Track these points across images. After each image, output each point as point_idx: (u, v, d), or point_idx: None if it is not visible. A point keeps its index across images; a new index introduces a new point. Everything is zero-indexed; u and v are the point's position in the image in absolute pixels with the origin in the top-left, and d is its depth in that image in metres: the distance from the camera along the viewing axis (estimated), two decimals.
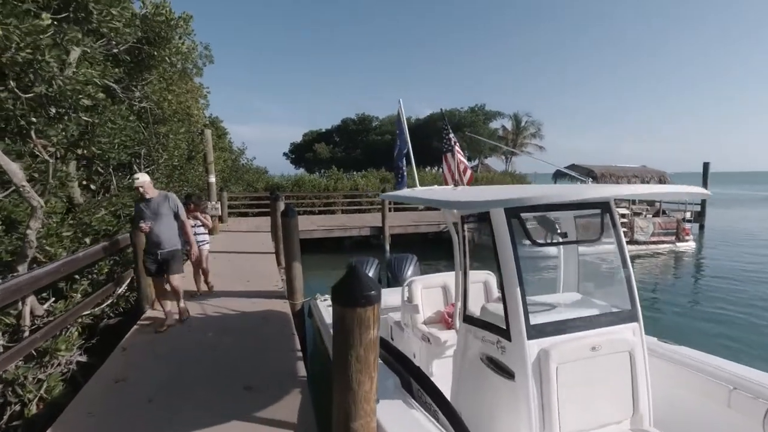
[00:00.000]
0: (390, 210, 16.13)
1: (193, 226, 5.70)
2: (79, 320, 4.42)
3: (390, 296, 5.99)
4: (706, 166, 18.07)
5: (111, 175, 6.56)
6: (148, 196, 4.58)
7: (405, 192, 4.08)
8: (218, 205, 12.04)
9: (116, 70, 5.58)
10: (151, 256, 4.70)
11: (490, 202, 2.78)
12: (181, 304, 5.10)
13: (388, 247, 14.03)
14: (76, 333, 4.16)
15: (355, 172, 24.13)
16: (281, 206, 9.28)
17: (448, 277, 4.77)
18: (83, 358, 4.58)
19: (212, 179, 12.06)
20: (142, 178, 4.49)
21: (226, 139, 16.89)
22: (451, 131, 5.49)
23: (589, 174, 15.40)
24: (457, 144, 5.46)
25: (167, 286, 4.86)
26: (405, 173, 4.88)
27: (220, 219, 14.63)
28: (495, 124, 40.45)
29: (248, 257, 9.00)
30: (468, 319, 3.29)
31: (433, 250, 14.89)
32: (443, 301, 4.68)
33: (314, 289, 7.33)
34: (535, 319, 2.77)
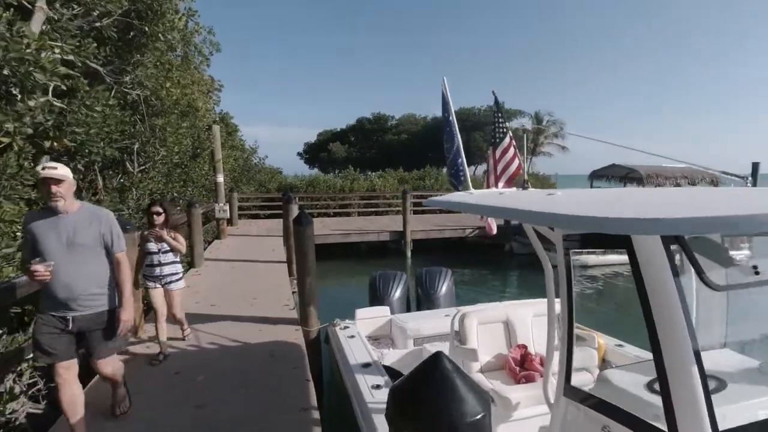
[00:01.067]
0: (410, 212, 15.05)
1: (156, 252, 3.96)
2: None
3: (424, 321, 4.90)
4: (755, 166, 16.50)
5: (96, 173, 5.60)
6: (60, 207, 2.46)
7: (461, 198, 2.95)
8: (227, 207, 11.09)
9: (95, 45, 4.58)
10: (53, 324, 2.50)
11: (644, 221, 1.45)
12: (121, 401, 3.04)
13: (409, 254, 12.93)
14: (18, 387, 3.14)
15: (371, 173, 23.10)
16: (294, 210, 8.25)
17: (511, 309, 3.64)
18: (40, 406, 3.57)
19: (220, 179, 11.11)
20: (62, 170, 2.46)
21: (236, 137, 15.99)
22: (504, 119, 4.36)
23: (627, 175, 14.07)
24: (512, 137, 4.34)
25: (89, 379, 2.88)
26: (465, 171, 3.73)
27: (230, 222, 13.71)
28: (514, 124, 39.00)
29: (257, 267, 7.97)
30: (573, 392, 2.16)
31: (457, 257, 13.74)
32: (506, 341, 3.55)
33: (328, 303, 6.27)
34: (724, 421, 1.61)
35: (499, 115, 4.32)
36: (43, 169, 2.47)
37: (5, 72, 3.20)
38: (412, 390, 1.07)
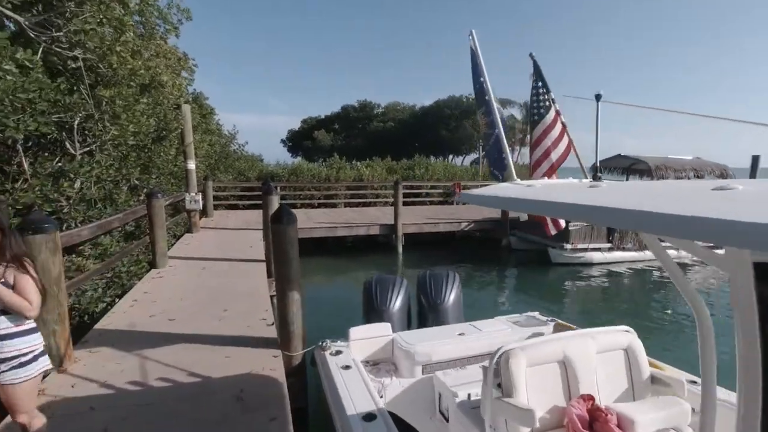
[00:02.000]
0: (401, 204, 13.87)
1: None
2: None
3: (433, 342, 3.93)
4: (755, 159, 16.01)
5: (20, 154, 4.43)
6: None
7: (519, 192, 1.95)
8: (199, 197, 9.92)
9: None
10: None
11: None
12: None
13: (400, 249, 11.98)
14: None
15: (357, 161, 22.00)
16: (274, 202, 7.18)
17: (567, 344, 2.68)
18: None
19: (192, 165, 9.90)
20: None
21: (212, 120, 14.65)
22: (546, 89, 3.39)
23: (632, 166, 13.36)
24: (559, 111, 3.38)
25: None
26: (507, 154, 2.74)
27: (204, 213, 12.52)
28: (504, 113, 38.24)
29: (231, 267, 6.89)
30: None
31: (451, 252, 12.86)
32: (563, 389, 2.60)
33: (313, 307, 5.34)
34: None
35: (540, 83, 3.34)
36: None
37: None
38: None
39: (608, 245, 10.82)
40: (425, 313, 5.16)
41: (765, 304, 1.17)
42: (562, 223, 3.66)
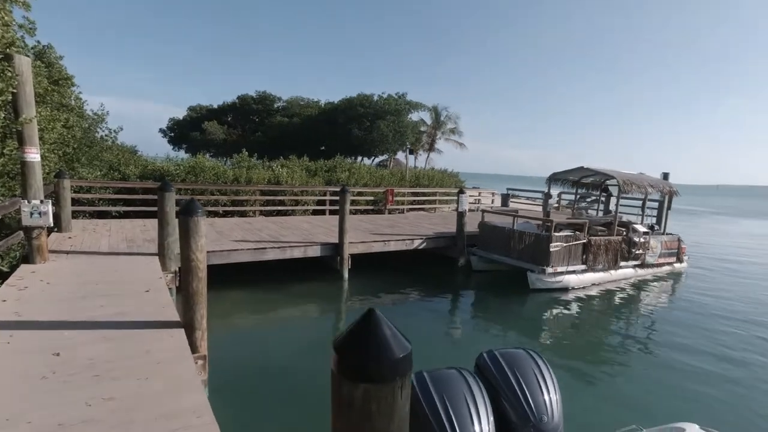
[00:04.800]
0: (327, 212, 10.79)
1: None
2: None
3: None
4: (665, 176, 16.93)
5: None
6: None
7: None
8: (47, 207, 6.22)
9: None
10: None
11: None
12: None
13: (346, 275, 9.43)
14: None
15: (261, 159, 18.65)
16: (200, 227, 4.22)
17: None
18: None
19: (35, 157, 6.15)
20: None
21: (70, 92, 10.22)
22: None
23: (580, 180, 12.76)
24: None
25: None
26: None
27: (57, 226, 8.48)
28: (414, 116, 37.55)
29: (115, 351, 3.68)
30: None
31: (401, 273, 10.74)
32: None
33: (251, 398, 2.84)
34: None
35: None
36: None
37: None
38: None
39: (582, 267, 9.72)
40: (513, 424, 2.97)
41: None
42: None
